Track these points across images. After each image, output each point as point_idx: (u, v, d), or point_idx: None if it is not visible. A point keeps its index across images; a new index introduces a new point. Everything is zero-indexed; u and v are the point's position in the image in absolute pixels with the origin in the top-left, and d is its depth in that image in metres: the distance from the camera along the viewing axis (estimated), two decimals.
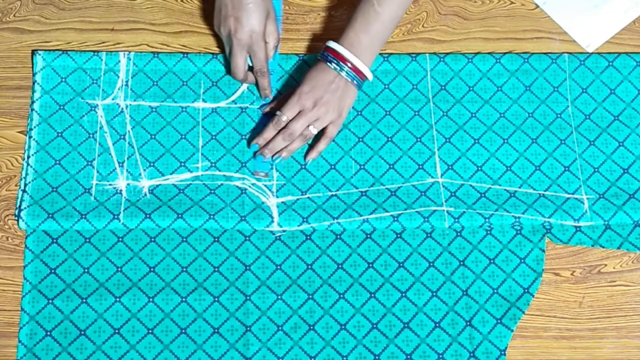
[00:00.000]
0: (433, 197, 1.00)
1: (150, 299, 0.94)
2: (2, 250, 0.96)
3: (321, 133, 1.00)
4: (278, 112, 0.99)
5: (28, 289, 0.94)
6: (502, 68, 1.07)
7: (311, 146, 1.01)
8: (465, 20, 1.10)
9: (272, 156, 0.99)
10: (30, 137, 1.00)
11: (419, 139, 1.03)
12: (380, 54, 1.06)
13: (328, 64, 0.98)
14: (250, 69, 1.02)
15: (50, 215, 0.96)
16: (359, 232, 0.99)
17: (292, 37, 1.08)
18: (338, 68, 0.97)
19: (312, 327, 0.95)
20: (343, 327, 0.95)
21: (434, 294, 0.97)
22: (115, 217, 0.96)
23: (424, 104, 1.05)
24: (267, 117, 1.02)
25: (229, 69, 1.02)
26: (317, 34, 1.08)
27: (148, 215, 0.96)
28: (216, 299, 0.95)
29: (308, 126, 0.98)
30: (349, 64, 0.97)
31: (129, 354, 0.92)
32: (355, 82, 0.99)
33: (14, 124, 1.01)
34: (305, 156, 1.01)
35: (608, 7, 1.11)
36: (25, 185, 0.97)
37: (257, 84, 1.03)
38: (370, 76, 1.00)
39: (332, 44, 0.99)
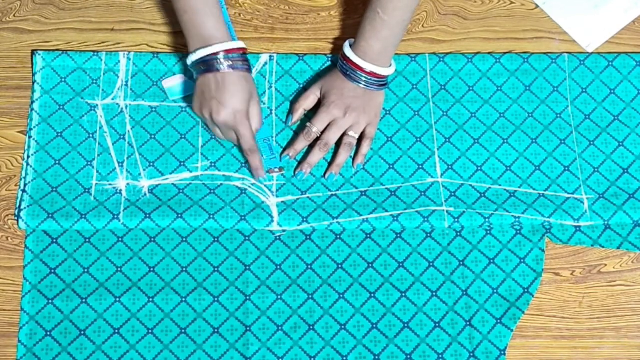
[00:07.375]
0: (433, 197, 1.00)
1: (150, 299, 0.94)
2: (2, 250, 0.96)
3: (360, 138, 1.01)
4: (308, 124, 0.99)
5: (28, 289, 0.94)
6: (502, 68, 1.07)
7: (356, 152, 1.00)
8: (465, 20, 1.10)
9: (325, 175, 1.00)
10: (30, 137, 1.00)
11: (418, 139, 1.03)
12: None
13: (346, 75, 0.98)
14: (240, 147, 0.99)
15: (50, 215, 0.96)
16: (359, 232, 0.99)
17: (292, 37, 1.08)
18: (355, 78, 0.98)
19: (312, 327, 0.95)
20: (343, 327, 0.95)
21: (434, 294, 0.96)
22: (115, 217, 0.96)
23: (423, 103, 1.05)
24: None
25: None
26: (317, 34, 1.08)
27: (148, 215, 0.96)
28: (216, 299, 0.95)
29: (346, 133, 0.99)
30: (366, 72, 0.97)
31: (128, 354, 0.92)
32: (375, 87, 0.99)
33: (14, 124, 1.01)
34: (353, 163, 1.01)
35: (608, 7, 1.11)
36: (25, 185, 0.97)
37: (247, 163, 0.99)
38: (390, 72, 1.00)
39: (347, 52, 0.98)
